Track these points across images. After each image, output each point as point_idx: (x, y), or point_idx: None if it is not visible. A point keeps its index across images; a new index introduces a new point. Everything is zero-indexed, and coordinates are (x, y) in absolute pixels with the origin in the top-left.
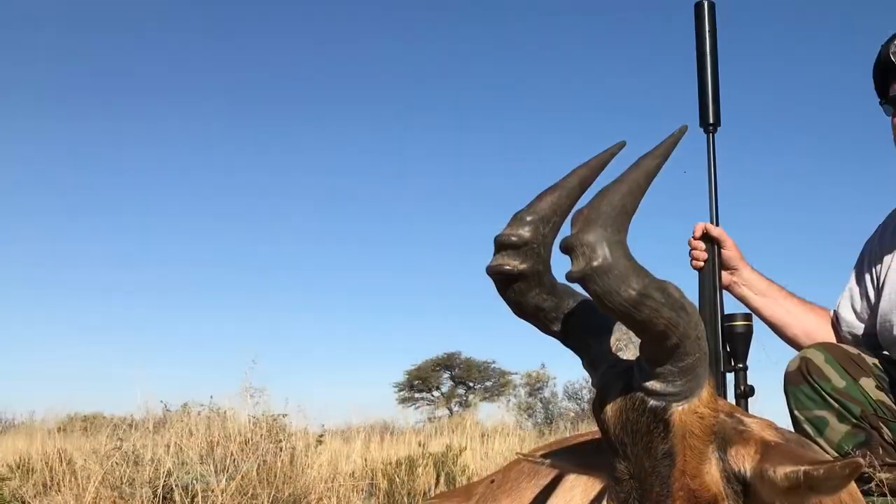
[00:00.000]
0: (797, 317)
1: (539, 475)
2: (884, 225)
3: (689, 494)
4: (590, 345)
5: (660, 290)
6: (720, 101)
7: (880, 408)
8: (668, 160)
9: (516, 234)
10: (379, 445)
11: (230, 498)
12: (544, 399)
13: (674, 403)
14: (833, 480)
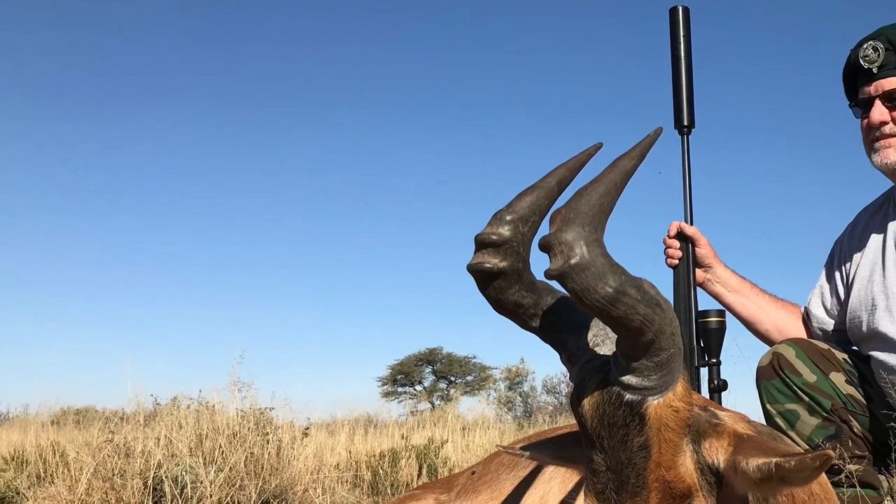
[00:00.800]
0: (769, 313)
1: (518, 467)
2: (853, 224)
3: (665, 486)
4: (568, 340)
5: (635, 287)
6: (694, 103)
7: (850, 402)
8: (643, 161)
9: (496, 232)
10: (363, 438)
11: (218, 489)
12: (523, 393)
13: (649, 397)
14: (804, 472)
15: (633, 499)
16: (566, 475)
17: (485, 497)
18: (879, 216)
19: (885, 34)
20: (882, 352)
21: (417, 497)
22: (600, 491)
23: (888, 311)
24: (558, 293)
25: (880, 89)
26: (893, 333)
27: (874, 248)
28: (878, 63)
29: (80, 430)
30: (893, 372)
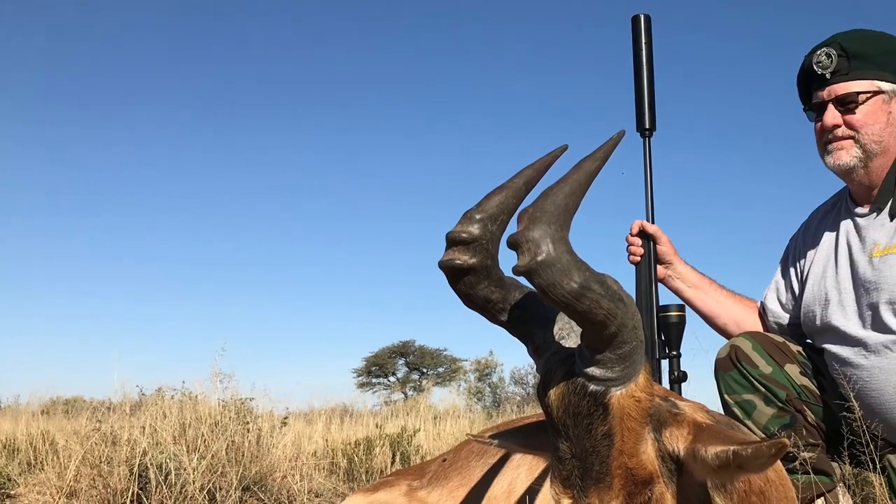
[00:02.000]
0: (727, 307)
1: (487, 454)
2: (807, 222)
3: (627, 472)
4: (534, 333)
5: (599, 283)
6: (655, 107)
7: (804, 392)
8: (607, 162)
9: (466, 231)
10: (339, 427)
11: (201, 476)
12: (492, 384)
13: (612, 388)
14: (760, 459)
15: (597, 485)
16: (533, 462)
17: (455, 483)
18: (832, 215)
19: (838, 41)
20: (835, 344)
21: (391, 483)
22: (566, 477)
23: (840, 306)
24: (526, 288)
25: (833, 94)
26: (845, 327)
27: (827, 246)
28: (831, 69)
29: (69, 420)
30: (845, 364)
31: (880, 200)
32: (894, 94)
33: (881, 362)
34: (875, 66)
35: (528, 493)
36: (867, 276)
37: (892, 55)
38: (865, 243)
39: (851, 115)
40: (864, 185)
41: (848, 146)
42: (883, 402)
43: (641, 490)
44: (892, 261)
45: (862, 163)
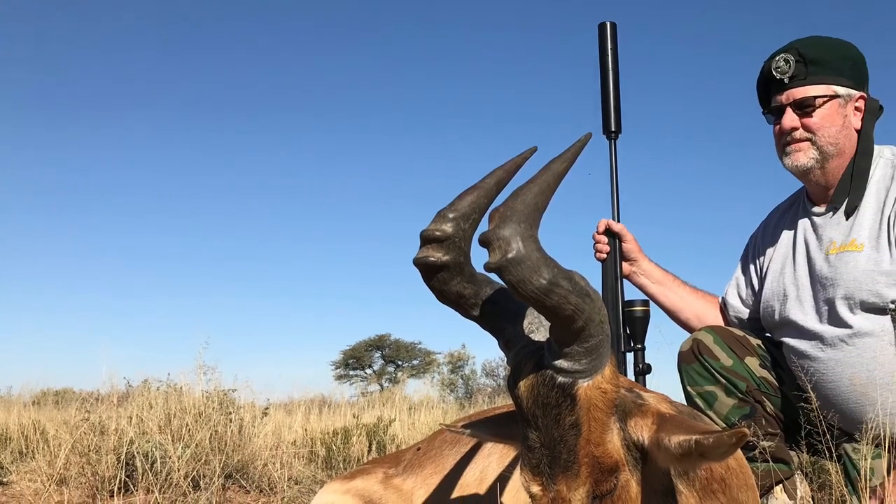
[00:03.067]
0: (689, 303)
1: (460, 444)
2: (766, 221)
3: (594, 461)
4: (505, 328)
5: (567, 279)
6: (620, 110)
7: (763, 384)
8: (574, 163)
9: (440, 229)
10: (318, 417)
11: (185, 464)
12: (465, 376)
13: (580, 380)
14: (721, 448)
15: (565, 473)
16: (504, 451)
17: (429, 471)
18: (790, 214)
19: (796, 47)
20: (792, 338)
21: (367, 471)
22: (535, 465)
23: (798, 301)
24: (497, 285)
25: (791, 98)
26: (803, 321)
27: (786, 244)
28: (789, 74)
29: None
30: (803, 356)
31: (836, 200)
32: (849, 98)
33: (837, 355)
34: (831, 71)
35: (499, 481)
36: (824, 273)
37: (847, 61)
38: (822, 241)
39: (809, 118)
40: (821, 186)
41: (805, 148)
42: (838, 393)
43: (607, 477)
44: (847, 258)
45: (819, 164)
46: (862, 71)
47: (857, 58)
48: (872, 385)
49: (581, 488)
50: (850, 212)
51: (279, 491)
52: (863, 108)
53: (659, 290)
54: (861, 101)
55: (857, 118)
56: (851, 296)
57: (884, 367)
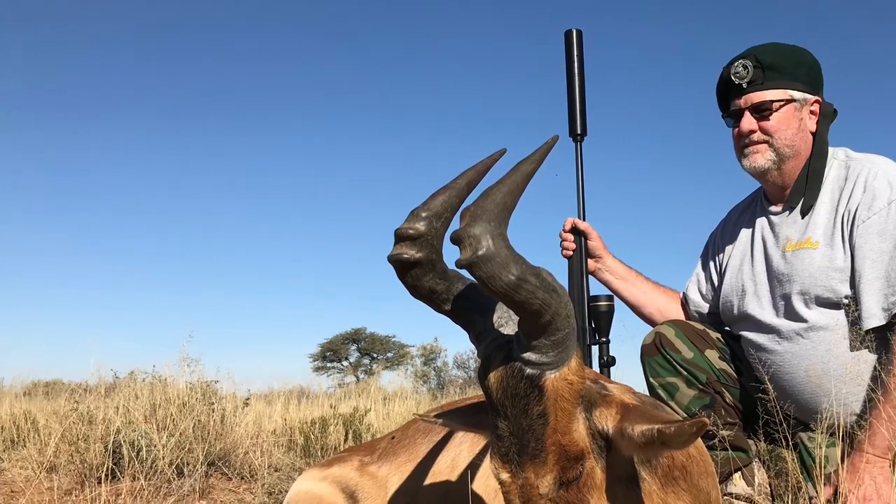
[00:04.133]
0: (652, 298)
1: (432, 433)
2: (725, 219)
3: (560, 449)
4: (476, 322)
5: (535, 275)
6: (586, 114)
7: (722, 375)
8: (542, 164)
9: (413, 227)
10: (296, 407)
11: (170, 452)
12: (437, 368)
13: (547, 371)
14: (682, 437)
15: (533, 460)
16: (474, 440)
17: (403, 459)
18: (749, 213)
19: (754, 53)
20: (750, 332)
21: (344, 459)
22: (504, 453)
23: (756, 297)
24: (467, 280)
25: (749, 102)
26: (761, 315)
27: (744, 241)
28: (747, 79)
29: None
30: (760, 349)
31: (792, 200)
32: (805, 102)
33: (793, 348)
34: (787, 76)
35: (469, 468)
36: (781, 269)
37: (802, 67)
38: (779, 239)
39: (766, 121)
40: (778, 186)
41: (763, 150)
42: (795, 384)
43: (573, 465)
44: (803, 255)
45: (776, 165)
46: (817, 76)
47: (813, 63)
48: (827, 376)
49: (548, 475)
50: (805, 211)
51: (260, 478)
52: (818, 111)
53: (623, 286)
54: (816, 105)
55: (812, 121)
56: (807, 291)
57: (838, 359)
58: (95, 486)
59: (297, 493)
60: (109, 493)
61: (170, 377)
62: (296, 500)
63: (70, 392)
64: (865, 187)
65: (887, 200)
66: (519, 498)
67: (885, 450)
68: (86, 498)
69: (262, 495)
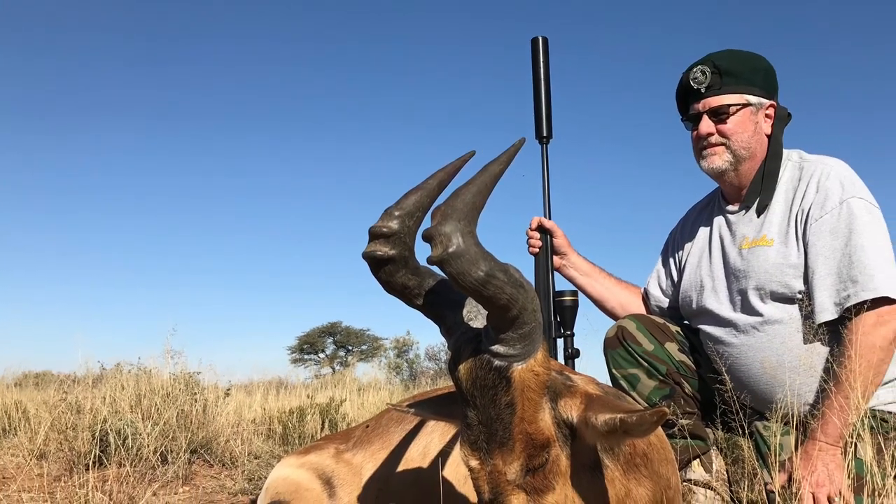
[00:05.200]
0: (614, 293)
1: (405, 422)
2: (684, 218)
3: (527, 437)
4: (446, 316)
5: (503, 271)
6: (552, 117)
7: (682, 367)
8: (509, 166)
9: (386, 225)
10: (275, 397)
11: (154, 440)
12: (409, 360)
13: (514, 363)
14: (644, 426)
15: (501, 448)
16: (445, 428)
17: (377, 447)
18: (707, 212)
19: (712, 59)
20: (708, 325)
21: (321, 447)
22: (473, 441)
23: (714, 292)
24: (438, 276)
25: (707, 106)
26: (718, 310)
27: (702, 239)
28: (705, 84)
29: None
30: (718, 342)
31: (748, 199)
32: (760, 106)
33: (749, 341)
34: (744, 81)
35: (440, 455)
36: (737, 266)
37: (758, 72)
38: (736, 237)
39: (723, 124)
40: (735, 186)
41: (720, 152)
42: (751, 375)
43: (540, 452)
44: (758, 252)
45: (732, 166)
46: (772, 81)
47: (768, 69)
48: (781, 368)
49: (516, 462)
50: (761, 210)
51: (240, 465)
52: (773, 115)
53: (587, 282)
54: (771, 108)
55: (767, 124)
56: (762, 286)
57: (792, 351)
58: (83, 473)
59: (275, 479)
60: (97, 480)
61: (154, 369)
62: (274, 485)
63: (59, 383)
64: (818, 187)
65: (839, 200)
66: (487, 484)
67: (837, 438)
68: (74, 484)
69: (242, 481)
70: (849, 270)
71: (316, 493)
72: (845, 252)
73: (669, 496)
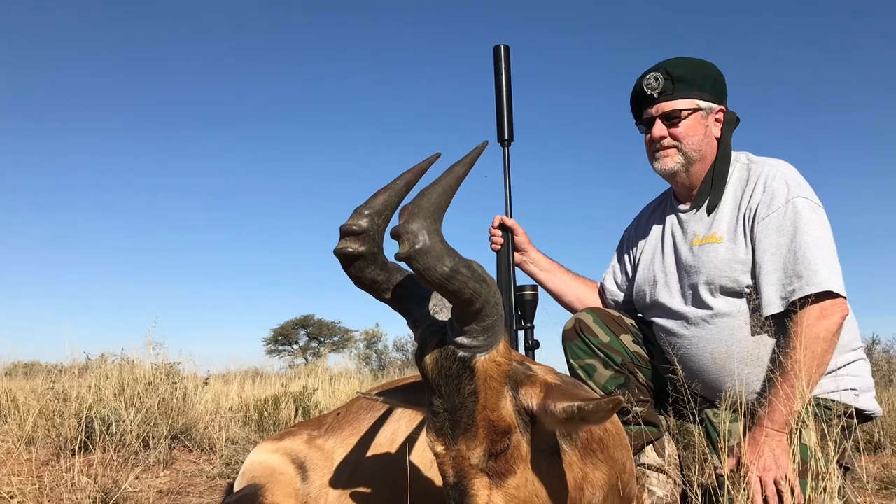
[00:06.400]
0: (572, 287)
1: (374, 409)
2: (639, 217)
3: (490, 424)
4: (413, 309)
5: (467, 267)
6: (513, 121)
7: (636, 357)
8: (473, 167)
9: (357, 223)
10: (251, 386)
11: (137, 427)
12: (378, 351)
13: (477, 354)
14: (600, 413)
15: (465, 434)
16: (412, 416)
17: (347, 433)
18: (660, 211)
19: (664, 67)
20: (661, 318)
21: (294, 433)
22: (439, 428)
23: (666, 286)
24: (406, 272)
25: (660, 111)
26: (670, 303)
27: (656, 236)
28: (658, 90)
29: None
30: (670, 334)
31: (699, 199)
32: (710, 110)
33: (699, 332)
34: (694, 87)
35: (407, 441)
36: (688, 262)
37: (708, 79)
38: (687, 234)
39: (675, 128)
40: (686, 186)
41: (672, 154)
42: (701, 365)
43: (501, 438)
44: (708, 248)
45: (684, 168)
46: (721, 87)
47: (718, 76)
48: (730, 358)
49: (479, 447)
50: (711, 209)
51: (218, 450)
52: (722, 119)
53: (546, 277)
54: (721, 113)
55: (717, 128)
56: (712, 281)
57: (740, 342)
58: (70, 458)
59: (251, 463)
60: (82, 464)
61: (137, 359)
62: (251, 469)
63: (47, 372)
64: (765, 188)
65: (785, 199)
66: (452, 468)
67: (783, 424)
68: (61, 468)
69: (220, 466)
70: (794, 266)
71: (290, 477)
72: (791, 249)
73: (624, 479)
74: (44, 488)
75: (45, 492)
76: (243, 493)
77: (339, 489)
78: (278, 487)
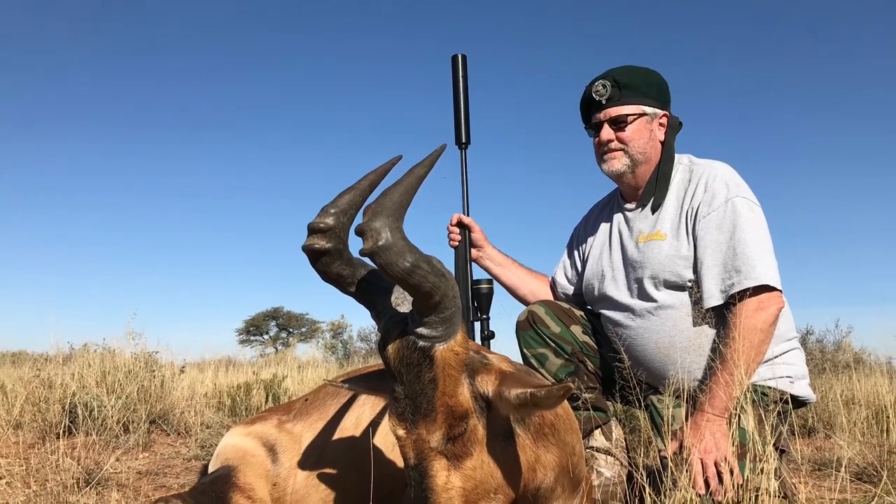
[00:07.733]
0: (525, 281)
1: (340, 395)
2: (588, 215)
3: (448, 409)
4: (376, 301)
5: (427, 262)
6: (470, 125)
7: (585, 347)
8: (432, 168)
9: (323, 221)
10: (224, 374)
11: (118, 412)
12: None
13: (437, 344)
14: (551, 399)
15: (425, 419)
16: (375, 402)
17: (315, 418)
18: (607, 210)
19: (612, 74)
20: (609, 310)
21: (265, 418)
22: (401, 413)
23: (613, 280)
24: (370, 267)
25: (608, 116)
26: (617, 296)
27: (603, 233)
28: (606, 96)
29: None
30: (617, 325)
31: (644, 198)
32: (655, 115)
33: (645, 324)
34: (640, 94)
35: (371, 425)
36: (634, 257)
37: (653, 86)
38: (633, 231)
39: (622, 132)
40: (632, 187)
41: (619, 156)
42: (646, 354)
43: (459, 423)
44: (653, 245)
45: (630, 169)
46: (665, 94)
47: (662, 83)
48: (673, 348)
49: (438, 431)
50: (655, 208)
51: (193, 434)
52: (666, 123)
53: (501, 271)
54: (665, 118)
55: (661, 132)
56: (656, 276)
57: (683, 333)
58: (55, 441)
59: (224, 446)
60: (66, 447)
61: (117, 348)
62: (224, 452)
63: (33, 361)
64: (706, 188)
65: (724, 199)
66: (413, 451)
67: (723, 410)
68: (46, 450)
69: (195, 448)
70: (733, 261)
71: (261, 459)
72: (730, 245)
73: (574, 461)
74: (30, 469)
75: (31, 473)
76: (217, 474)
77: (307, 470)
78: (250, 469)
